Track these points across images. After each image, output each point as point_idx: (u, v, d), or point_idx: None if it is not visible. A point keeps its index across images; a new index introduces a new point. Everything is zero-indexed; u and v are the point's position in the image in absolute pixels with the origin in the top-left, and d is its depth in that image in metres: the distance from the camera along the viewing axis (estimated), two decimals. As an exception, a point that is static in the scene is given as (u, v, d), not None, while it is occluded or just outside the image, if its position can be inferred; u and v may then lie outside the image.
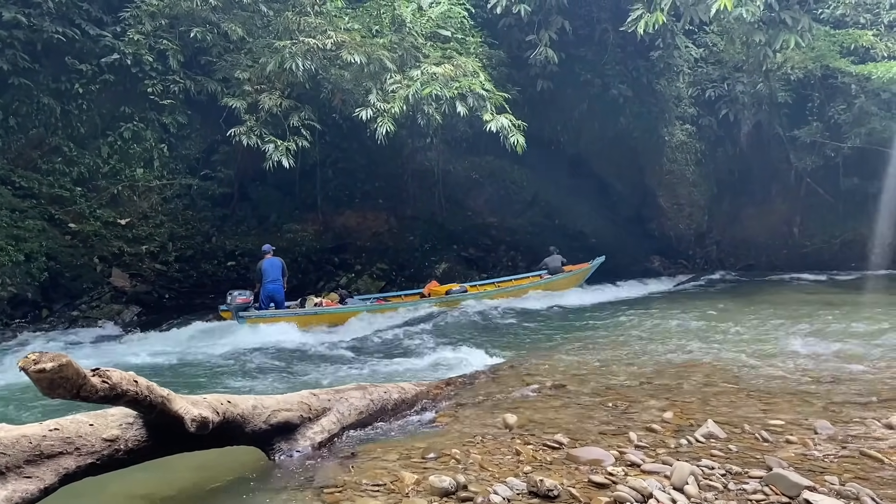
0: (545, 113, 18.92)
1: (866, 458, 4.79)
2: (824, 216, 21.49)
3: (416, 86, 12.90)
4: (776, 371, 7.95)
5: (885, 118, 19.23)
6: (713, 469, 4.59)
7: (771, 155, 21.85)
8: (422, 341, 11.89)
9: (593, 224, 20.96)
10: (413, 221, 18.45)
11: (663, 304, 14.88)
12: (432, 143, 18.11)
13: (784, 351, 9.22)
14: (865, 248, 20.89)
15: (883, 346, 9.30)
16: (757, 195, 22.04)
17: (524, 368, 8.63)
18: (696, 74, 21.46)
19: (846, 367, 8.02)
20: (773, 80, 20.34)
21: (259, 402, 5.35)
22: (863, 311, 12.34)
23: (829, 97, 20.84)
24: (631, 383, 7.54)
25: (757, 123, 21.64)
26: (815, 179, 21.36)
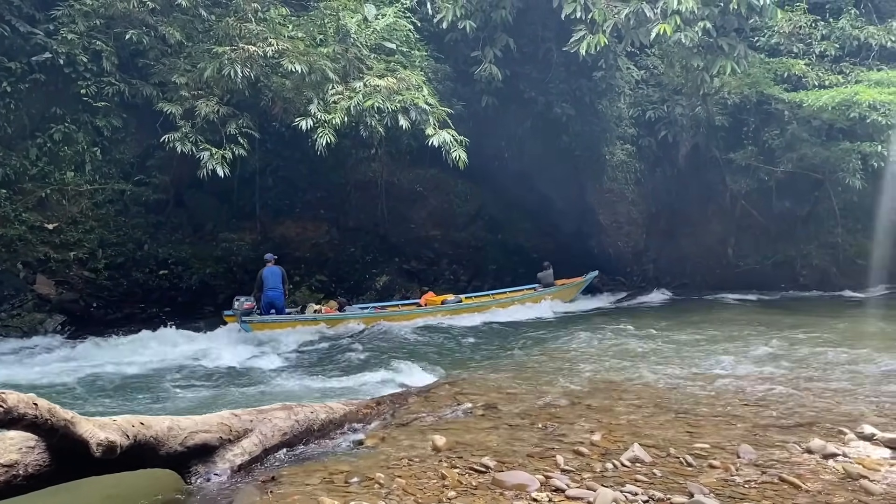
0: (490, 128, 18.99)
1: (785, 483, 4.85)
2: (757, 238, 22.09)
3: (358, 97, 12.78)
4: (705, 392, 8.05)
5: (815, 144, 19.87)
6: (636, 495, 4.57)
7: (707, 176, 22.37)
8: (363, 357, 11.72)
9: (535, 239, 21.09)
10: (355, 233, 18.25)
11: (601, 322, 15.01)
12: (376, 154, 17.96)
13: (714, 372, 9.37)
14: (795, 270, 21.56)
15: (807, 368, 9.53)
16: (693, 215, 22.53)
17: (458, 387, 8.54)
18: (637, 96, 21.85)
19: (772, 389, 8.16)
20: (710, 104, 20.87)
21: (175, 423, 5.12)
22: (790, 332, 12.65)
23: (763, 122, 21.46)
24: (563, 403, 7.53)
25: (695, 145, 22.16)
26: (749, 202, 21.94)
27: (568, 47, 15.28)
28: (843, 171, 19.35)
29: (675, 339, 12.35)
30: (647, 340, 12.09)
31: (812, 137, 19.99)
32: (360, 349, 12.42)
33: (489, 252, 20.11)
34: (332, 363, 11.32)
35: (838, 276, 21.35)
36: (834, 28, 20.50)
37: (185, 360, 11.43)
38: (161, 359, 11.45)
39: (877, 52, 20.36)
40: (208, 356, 11.68)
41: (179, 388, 9.49)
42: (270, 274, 14.25)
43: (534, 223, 21.16)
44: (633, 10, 14.10)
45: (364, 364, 10.97)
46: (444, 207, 19.70)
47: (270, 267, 14.32)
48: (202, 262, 15.85)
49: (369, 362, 11.07)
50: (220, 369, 10.92)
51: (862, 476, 5.00)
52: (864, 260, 21.66)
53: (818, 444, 5.70)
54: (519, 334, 13.69)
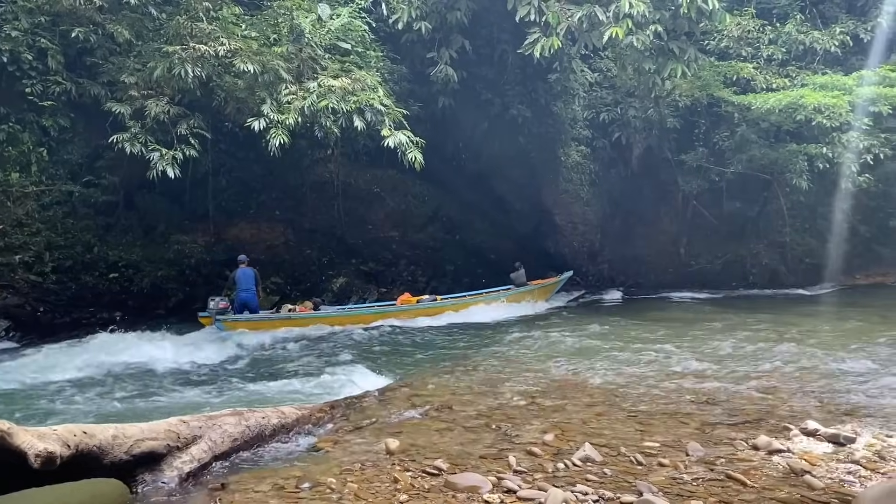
0: (447, 130, 18.99)
1: (731, 480, 4.93)
2: (708, 237, 22.51)
3: (312, 98, 12.65)
4: (656, 391, 8.16)
5: (764, 146, 20.33)
6: (587, 495, 4.60)
7: (660, 177, 22.73)
8: (323, 359, 11.58)
9: (493, 240, 21.16)
10: (311, 234, 18.06)
11: (556, 321, 15.14)
12: (332, 155, 17.83)
13: (666, 370, 9.49)
14: (745, 269, 22.04)
15: (755, 365, 9.73)
16: (647, 216, 22.87)
17: (414, 389, 8.51)
18: (591, 98, 22.10)
19: (721, 387, 8.32)
20: (662, 107, 21.21)
21: (121, 431, 5.00)
22: (739, 330, 12.91)
23: (713, 124, 21.90)
24: (517, 403, 7.56)
25: (647, 147, 22.51)
26: (700, 202, 22.36)
27: (523, 50, 15.35)
28: (791, 172, 19.83)
29: (628, 337, 12.50)
30: (600, 339, 12.21)
31: (760, 139, 20.45)
32: (321, 351, 12.31)
33: (447, 253, 20.09)
34: (290, 366, 11.17)
35: (787, 274, 21.90)
36: (781, 33, 21.03)
37: (141, 365, 11.16)
38: (113, 363, 11.16)
39: (821, 56, 20.94)
40: (166, 360, 11.42)
41: (132, 394, 9.25)
42: (243, 276, 14.36)
43: (491, 224, 21.23)
44: (585, 13, 14.24)
45: (322, 366, 10.84)
46: (402, 208, 19.63)
47: (243, 269, 14.44)
48: (154, 264, 15.50)
49: (328, 365, 10.94)
50: (176, 373, 10.69)
51: (805, 471, 5.11)
52: (811, 259, 22.30)
53: (764, 441, 5.82)
54: (479, 335, 13.71)
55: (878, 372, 8.99)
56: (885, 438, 6.05)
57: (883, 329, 12.79)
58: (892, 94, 18.06)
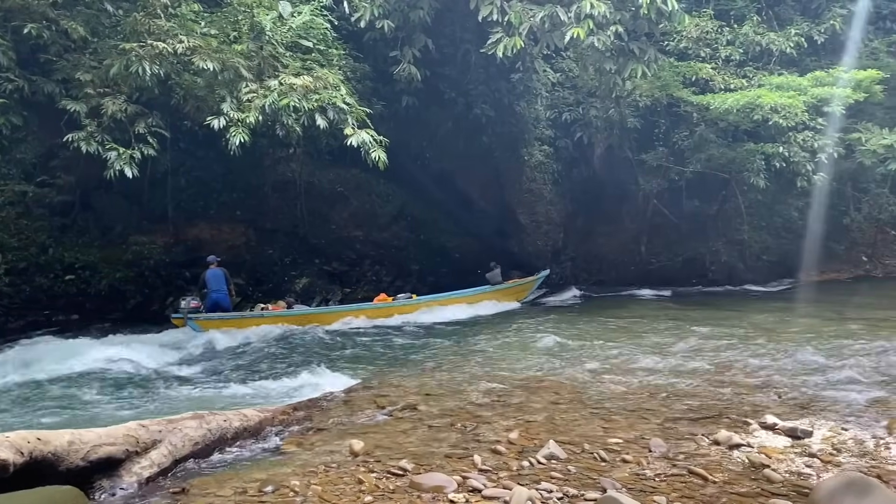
0: (411, 129, 18.93)
1: (693, 475, 4.99)
2: (668, 235, 22.84)
3: (273, 96, 12.49)
4: (619, 387, 8.24)
5: (722, 145, 20.70)
6: (551, 493, 4.62)
7: (621, 177, 23.00)
8: (284, 360, 11.48)
9: (457, 239, 21.17)
10: (273, 234, 17.85)
11: (521, 320, 15.20)
12: (294, 154, 17.64)
13: (628, 367, 9.60)
14: (704, 266, 22.41)
15: (715, 360, 9.89)
16: (609, 214, 23.12)
17: (379, 389, 8.47)
18: (554, 98, 22.25)
19: (683, 382, 8.44)
20: (623, 107, 21.44)
21: (77, 437, 4.87)
22: (700, 326, 13.11)
23: (673, 124, 22.22)
24: (482, 402, 7.57)
25: (609, 146, 22.75)
26: (660, 201, 22.68)
27: (486, 49, 15.38)
28: (748, 171, 20.21)
29: (591, 334, 12.61)
30: (564, 337, 12.29)
31: (719, 139, 20.81)
32: (288, 351, 12.21)
33: (412, 252, 20.05)
34: (255, 366, 11.05)
35: (745, 271, 22.32)
36: (738, 34, 21.40)
37: (100, 368, 10.89)
38: (71, 367, 10.88)
39: (777, 57, 21.38)
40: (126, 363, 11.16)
41: (90, 399, 9.03)
42: (213, 276, 14.38)
43: (456, 223, 21.23)
44: (547, 13, 14.32)
45: (288, 367, 10.73)
46: (366, 208, 19.52)
47: (213, 269, 14.46)
48: (111, 266, 15.17)
49: (293, 365, 10.83)
50: (138, 376, 10.47)
51: (764, 465, 5.21)
52: (768, 256, 22.81)
53: (724, 436, 5.91)
54: (445, 334, 13.71)
55: (832, 367, 9.19)
56: (840, 432, 6.20)
57: (836, 325, 13.12)
58: (844, 94, 18.51)
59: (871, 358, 9.73)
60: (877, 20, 23.34)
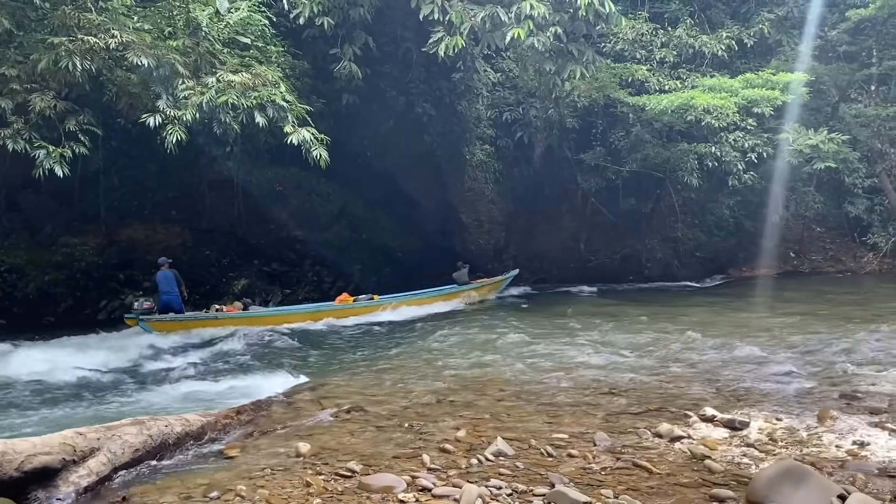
0: (352, 127, 18.79)
1: (638, 468, 5.11)
2: (606, 233, 23.35)
3: (210, 93, 12.20)
4: (563, 383, 8.36)
5: (657, 145, 21.27)
6: (500, 489, 4.65)
7: (561, 176, 23.39)
8: (231, 362, 11.26)
9: (400, 238, 21.11)
10: (210, 235, 17.46)
11: (466, 319, 15.31)
12: (232, 152, 17.26)
13: (571, 363, 9.75)
14: (640, 263, 22.96)
15: (655, 355, 10.15)
16: (549, 213, 23.48)
17: (324, 391, 8.38)
18: (495, 98, 22.47)
19: (624, 377, 8.62)
20: (562, 107, 21.79)
21: (10, 446, 4.68)
22: (638, 322, 13.44)
23: (610, 124, 22.71)
24: (429, 401, 7.57)
25: (548, 146, 23.11)
26: (598, 199, 23.18)
27: (427, 48, 15.39)
28: (682, 170, 20.83)
29: (534, 332, 12.77)
30: (508, 334, 12.42)
31: (654, 139, 21.37)
32: (237, 353, 11.98)
33: (354, 252, 19.89)
34: (201, 369, 10.81)
35: (679, 267, 23.00)
36: (672, 36, 22.01)
37: (37, 374, 10.41)
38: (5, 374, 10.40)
39: (709, 59, 22.08)
40: (64, 368, 10.69)
41: (26, 407, 8.64)
42: (164, 278, 14.27)
43: (398, 222, 21.17)
44: (488, 13, 14.42)
45: (234, 369, 10.55)
46: (306, 207, 19.29)
47: (164, 271, 14.34)
48: (40, 268, 14.59)
49: (239, 368, 10.65)
50: (77, 382, 10.05)
51: (705, 456, 5.36)
52: (702, 252, 23.55)
53: (666, 429, 6.07)
54: (391, 334, 13.70)
55: (765, 359, 9.55)
56: (775, 422, 6.44)
57: (768, 319, 13.63)
58: (773, 96, 19.22)
59: (802, 350, 10.16)
60: (801, 25, 24.30)
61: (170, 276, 14.36)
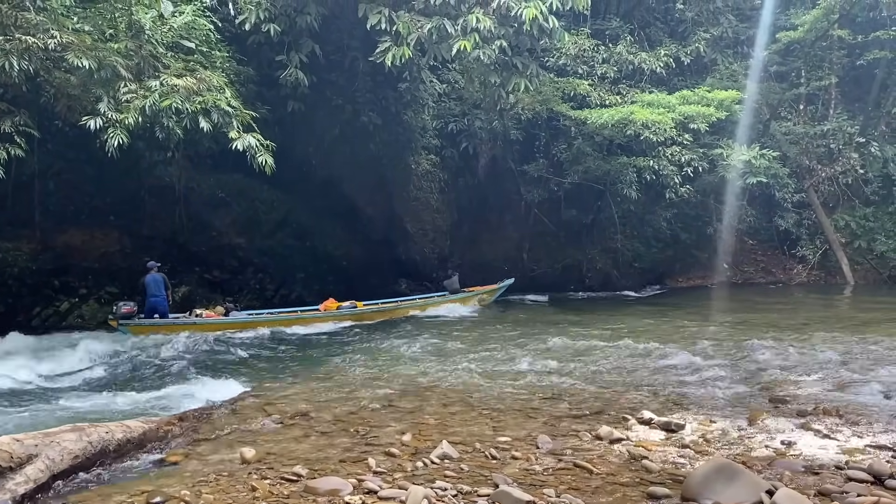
0: (297, 134, 18.67)
1: (579, 468, 5.27)
2: (549, 243, 23.77)
3: (154, 97, 12.00)
4: (506, 389, 8.52)
5: (598, 158, 21.80)
6: (446, 490, 4.74)
7: (505, 186, 23.72)
8: (170, 370, 11.02)
9: (345, 247, 21.02)
10: (150, 241, 17.03)
11: (411, 327, 15.35)
12: (174, 157, 16.94)
13: (514, 369, 9.94)
14: (581, 272, 23.44)
15: (595, 361, 10.40)
16: (493, 223, 23.78)
17: (269, 397, 8.35)
18: (440, 108, 22.62)
19: (565, 382, 8.83)
20: (506, 119, 22.15)
21: (-58, 454, 4.54)
22: (579, 329, 13.74)
23: (553, 137, 23.19)
24: (374, 407, 7.62)
25: (493, 157, 23.46)
26: (541, 210, 23.59)
27: (374, 57, 15.44)
28: (622, 182, 21.40)
29: (477, 339, 12.96)
30: (452, 342, 12.54)
31: (595, 152, 21.90)
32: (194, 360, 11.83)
33: (297, 260, 19.72)
34: (150, 376, 10.65)
35: (618, 277, 23.56)
36: (613, 52, 22.60)
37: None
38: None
39: (648, 75, 22.75)
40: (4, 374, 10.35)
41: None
42: (152, 281, 14.65)
43: (343, 230, 21.08)
44: (435, 25, 14.58)
45: (177, 376, 10.34)
46: (249, 214, 19.03)
47: (153, 274, 14.73)
48: (-31, 274, 14.06)
49: (184, 374, 10.44)
50: (15, 389, 9.73)
51: (643, 457, 5.57)
52: (640, 263, 24.18)
53: (606, 431, 6.26)
54: (340, 342, 13.70)
55: (699, 365, 9.91)
56: (709, 424, 6.71)
57: (702, 327, 14.12)
58: (708, 112, 19.93)
59: (734, 357, 10.57)
60: (735, 45, 25.29)
61: (158, 279, 14.76)
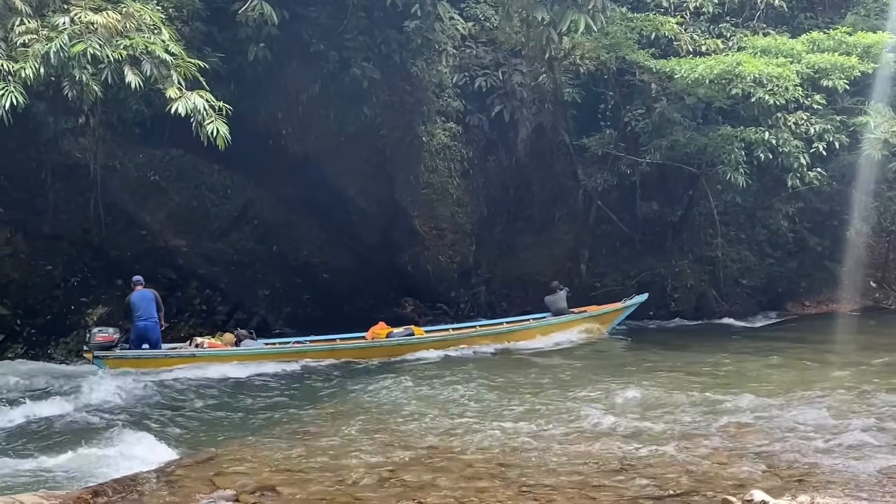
0: (261, 93, 18.81)
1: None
2: (618, 250, 23.63)
3: (61, 39, 12.17)
4: (557, 456, 8.51)
5: (689, 129, 21.55)
6: None
7: (555, 168, 23.60)
8: (92, 421, 11.29)
9: (326, 253, 21.11)
10: (53, 242, 17.29)
11: (423, 366, 15.43)
12: (88, 125, 17.18)
13: (566, 428, 9.92)
14: (665, 292, 23.24)
15: (684, 420, 10.36)
16: (537, 220, 23.64)
17: (221, 463, 8.44)
18: (464, 57, 22.55)
19: (641, 449, 8.80)
20: (558, 72, 22.03)
21: None
22: (662, 374, 13.69)
23: (625, 98, 23.05)
24: (369, 481, 7.64)
25: (538, 126, 23.26)
26: (607, 203, 23.38)
27: (370, -16, 15.54)
28: (724, 164, 21.15)
29: (517, 385, 12.96)
30: (481, 389, 12.55)
31: (685, 119, 21.72)
32: (108, 409, 12.12)
33: (260, 271, 19.86)
34: (52, 431, 10.85)
35: (718, 300, 23.35)
36: (713, -23, 22.49)
37: None
38: None
39: (763, 10, 22.60)
40: None
41: None
42: (140, 300, 15.62)
43: (325, 230, 21.16)
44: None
45: (99, 432, 10.52)
46: (193, 206, 19.20)
47: (140, 291, 15.75)
48: None
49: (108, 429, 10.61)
50: None
51: (754, 555, 5.53)
52: (749, 280, 23.89)
53: (699, 518, 6.23)
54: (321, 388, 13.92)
55: (837, 427, 9.81)
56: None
57: (840, 371, 14.00)
58: (849, 64, 19.71)
59: (885, 416, 10.46)
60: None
61: (149, 296, 15.69)
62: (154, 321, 15.70)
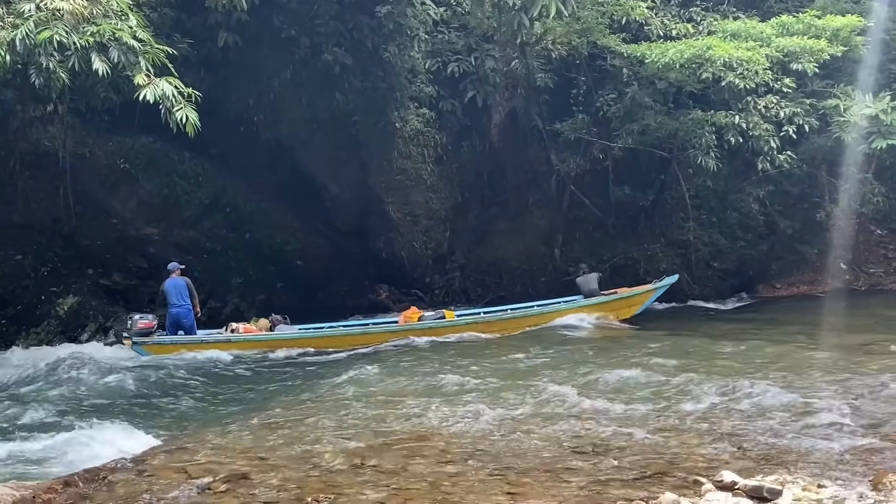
0: (232, 80, 18.73)
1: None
2: (591, 234, 23.66)
3: (27, 26, 12.06)
4: (531, 438, 8.53)
5: (661, 113, 21.58)
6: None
7: (528, 153, 23.63)
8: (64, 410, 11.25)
9: (300, 240, 21.07)
10: (23, 232, 17.17)
11: (392, 353, 15.41)
12: (56, 113, 17.04)
13: (541, 411, 9.94)
14: (637, 275, 23.31)
15: (654, 402, 10.40)
16: (511, 206, 23.67)
17: (192, 452, 8.42)
18: (436, 42, 22.51)
19: (614, 430, 8.83)
20: (530, 57, 22.03)
21: None
22: (633, 357, 13.70)
23: (597, 83, 23.06)
24: (342, 466, 7.64)
25: (511, 112, 23.30)
26: (580, 188, 23.42)
27: (341, -32, 15.47)
28: (695, 148, 21.21)
29: (493, 368, 12.96)
30: (458, 372, 12.51)
31: (657, 104, 21.72)
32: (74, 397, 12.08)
33: (233, 258, 19.79)
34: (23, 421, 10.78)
35: (690, 283, 23.42)
36: (682, -41, 22.55)
37: None
38: None
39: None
40: None
41: None
42: (173, 287, 16.36)
43: (297, 217, 21.12)
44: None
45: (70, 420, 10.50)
46: (164, 194, 19.12)
47: (174, 279, 16.46)
48: None
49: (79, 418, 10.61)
50: None
51: (723, 535, 5.56)
52: (721, 262, 24.01)
53: (669, 500, 6.25)
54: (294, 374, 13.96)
55: (805, 407, 9.87)
56: (817, 490, 6.68)
57: (810, 353, 14.09)
58: (818, 47, 19.81)
59: (854, 395, 10.54)
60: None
61: (181, 284, 16.44)
62: (187, 307, 16.39)
